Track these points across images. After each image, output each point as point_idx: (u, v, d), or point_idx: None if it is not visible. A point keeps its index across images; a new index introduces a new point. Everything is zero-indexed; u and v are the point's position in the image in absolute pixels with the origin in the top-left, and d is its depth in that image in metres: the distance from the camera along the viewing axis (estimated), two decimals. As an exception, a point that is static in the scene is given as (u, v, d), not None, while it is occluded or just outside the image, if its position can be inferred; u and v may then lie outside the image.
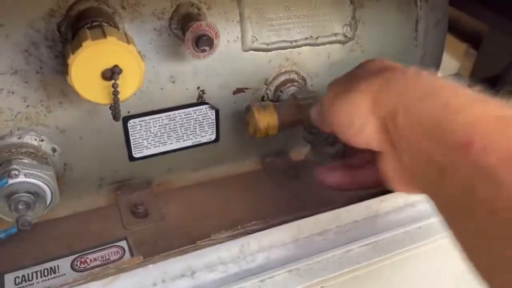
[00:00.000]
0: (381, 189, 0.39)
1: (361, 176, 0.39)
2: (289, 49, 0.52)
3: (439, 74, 0.66)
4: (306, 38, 0.52)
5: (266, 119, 0.49)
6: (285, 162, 0.61)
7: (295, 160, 0.61)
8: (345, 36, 0.54)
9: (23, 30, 0.41)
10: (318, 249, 0.35)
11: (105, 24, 0.40)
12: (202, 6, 0.47)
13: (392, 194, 0.39)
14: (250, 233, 0.37)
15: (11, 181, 0.40)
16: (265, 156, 0.61)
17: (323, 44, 0.53)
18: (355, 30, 0.55)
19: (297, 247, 0.36)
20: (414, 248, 0.37)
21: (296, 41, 0.52)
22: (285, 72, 0.53)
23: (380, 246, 0.36)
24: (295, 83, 0.53)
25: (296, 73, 0.53)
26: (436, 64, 0.63)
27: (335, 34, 0.54)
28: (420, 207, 0.40)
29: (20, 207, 0.41)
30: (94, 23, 0.40)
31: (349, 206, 0.37)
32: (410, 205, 0.40)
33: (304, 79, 0.54)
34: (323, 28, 0.53)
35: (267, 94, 0.53)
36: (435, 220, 0.39)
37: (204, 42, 0.43)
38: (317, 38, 0.53)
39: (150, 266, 0.31)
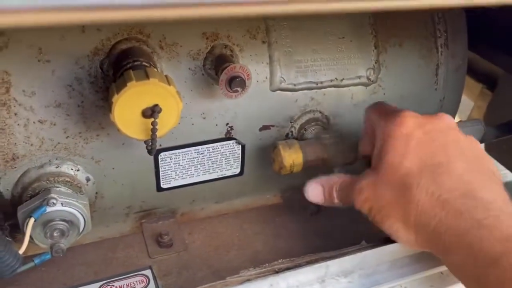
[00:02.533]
0: None
1: None
2: (315, 90, 0.54)
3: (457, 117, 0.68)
4: (331, 80, 0.54)
5: (292, 157, 0.50)
6: (304, 197, 0.62)
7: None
8: (368, 79, 0.56)
9: (69, 66, 0.44)
10: (343, 291, 0.37)
11: (147, 65, 0.43)
12: (235, 48, 0.50)
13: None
14: (277, 271, 0.38)
15: (49, 209, 0.42)
16: (285, 190, 0.63)
17: (347, 86, 0.56)
18: (378, 73, 0.57)
19: (323, 287, 0.37)
20: (436, 294, 0.38)
21: (321, 82, 0.54)
22: (310, 111, 0.55)
23: (404, 290, 0.37)
24: (319, 122, 0.55)
25: (320, 112, 0.55)
26: (454, 107, 0.65)
27: (359, 77, 0.56)
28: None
29: (55, 234, 0.43)
30: (136, 63, 0.43)
31: (375, 248, 0.39)
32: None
33: (327, 119, 0.56)
34: (348, 70, 0.55)
35: (291, 131, 0.55)
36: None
37: (237, 84, 0.45)
38: (341, 80, 0.55)
39: (185, 302, 0.32)
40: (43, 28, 0.42)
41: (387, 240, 0.40)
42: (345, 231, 0.57)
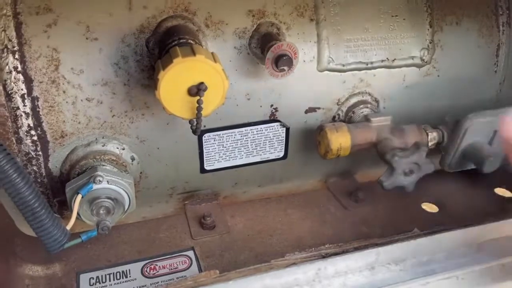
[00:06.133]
0: None
1: None
2: (364, 71, 0.52)
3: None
4: (382, 60, 0.52)
5: (339, 141, 0.48)
6: (349, 183, 0.60)
7: (360, 182, 0.60)
8: (422, 59, 0.53)
9: (116, 44, 0.44)
10: (394, 279, 0.35)
11: (193, 42, 0.42)
12: (282, 26, 0.48)
13: (474, 228, 0.38)
14: (324, 256, 0.36)
15: (95, 186, 0.42)
16: (329, 176, 0.61)
17: (399, 67, 0.53)
18: (433, 54, 0.54)
19: (373, 274, 0.35)
20: (497, 286, 0.35)
21: (372, 62, 0.51)
22: (359, 93, 0.53)
23: (460, 281, 0.35)
24: (368, 105, 0.53)
25: (370, 94, 0.53)
26: (515, 91, 0.60)
27: (412, 57, 0.53)
28: (501, 243, 0.38)
29: (101, 211, 0.43)
30: (181, 40, 0.42)
31: (428, 236, 0.36)
32: (491, 241, 0.38)
33: (377, 101, 0.54)
34: (400, 50, 0.52)
35: (338, 114, 0.53)
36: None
37: (284, 62, 0.44)
38: (393, 60, 0.52)
39: (231, 282, 0.32)
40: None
41: None
42: (390, 218, 0.54)
